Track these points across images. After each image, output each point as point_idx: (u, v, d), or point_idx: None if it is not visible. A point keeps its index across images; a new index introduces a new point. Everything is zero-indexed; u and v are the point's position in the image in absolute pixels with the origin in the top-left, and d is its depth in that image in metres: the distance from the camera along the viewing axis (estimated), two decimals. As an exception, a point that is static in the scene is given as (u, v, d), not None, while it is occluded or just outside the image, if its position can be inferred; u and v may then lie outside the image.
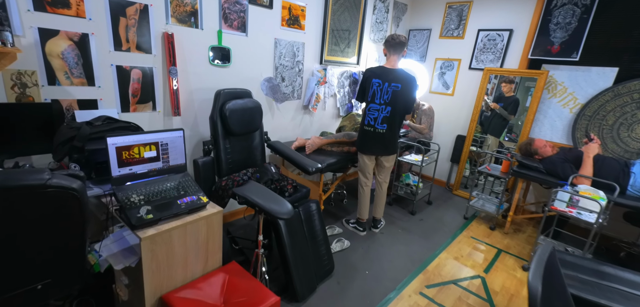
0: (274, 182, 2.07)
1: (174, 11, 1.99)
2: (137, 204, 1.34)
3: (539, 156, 2.82)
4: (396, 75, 2.35)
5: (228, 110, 2.04)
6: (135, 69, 1.91)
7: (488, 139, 3.78)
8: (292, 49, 2.82)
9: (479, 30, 3.58)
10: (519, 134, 3.69)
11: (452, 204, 3.57)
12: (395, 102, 2.37)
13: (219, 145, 2.08)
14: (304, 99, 3.10)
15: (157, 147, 1.53)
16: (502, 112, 3.63)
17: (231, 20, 2.29)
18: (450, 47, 3.85)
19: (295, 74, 2.92)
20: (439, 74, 4.00)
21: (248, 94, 2.27)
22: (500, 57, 3.47)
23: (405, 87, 2.35)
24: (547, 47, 3.13)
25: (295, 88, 2.97)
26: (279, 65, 2.75)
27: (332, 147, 2.77)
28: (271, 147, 2.47)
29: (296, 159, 2.29)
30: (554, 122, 3.19)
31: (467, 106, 3.79)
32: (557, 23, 3.05)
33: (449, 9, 3.80)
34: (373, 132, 2.45)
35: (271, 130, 2.86)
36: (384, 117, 2.41)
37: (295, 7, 2.72)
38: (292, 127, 3.10)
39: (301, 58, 2.92)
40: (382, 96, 2.38)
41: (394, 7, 3.85)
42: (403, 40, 2.35)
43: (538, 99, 3.18)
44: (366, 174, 2.64)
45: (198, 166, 1.96)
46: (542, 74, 3.13)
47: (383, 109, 2.40)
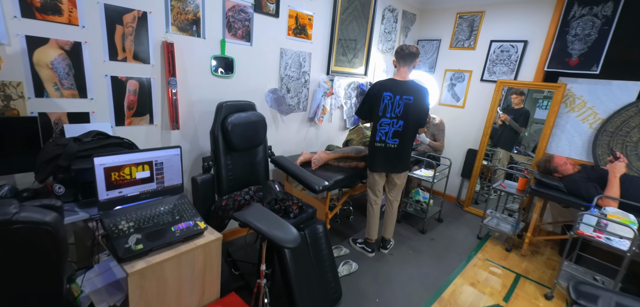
0: (278, 202, 1.92)
1: (175, 19, 1.88)
2: (125, 232, 1.20)
3: (559, 174, 2.66)
4: (408, 88, 2.22)
5: (230, 124, 1.91)
6: (132, 80, 1.79)
7: (499, 153, 3.63)
8: (299, 59, 2.70)
9: (491, 41, 3.45)
10: (528, 146, 3.54)
11: (463, 222, 3.39)
12: (408, 115, 2.23)
13: (219, 161, 1.94)
14: (309, 111, 2.96)
15: (151, 167, 1.39)
16: (512, 124, 3.48)
17: (235, 29, 2.18)
18: (461, 58, 3.72)
19: (301, 85, 2.79)
20: (448, 85, 3.86)
21: (252, 106, 2.14)
22: (514, 69, 3.33)
23: (417, 99, 2.21)
24: (564, 60, 2.99)
25: (301, 100, 2.84)
26: (284, 76, 2.62)
27: (340, 163, 2.62)
28: (275, 162, 2.33)
29: (302, 177, 2.14)
30: (572, 137, 3.03)
31: (479, 119, 3.64)
32: (575, 35, 2.91)
33: (459, 19, 3.68)
34: (384, 148, 2.30)
35: (275, 143, 2.72)
36: (396, 132, 2.27)
37: (302, 16, 2.60)
38: (297, 140, 2.96)
39: (307, 68, 2.80)
40: (393, 110, 2.24)
41: (403, 17, 3.73)
42: (414, 51, 2.22)
43: (555, 113, 3.03)
44: (376, 191, 2.49)
45: (197, 184, 1.82)
46: (559, 88, 2.99)
47: (394, 123, 2.26)
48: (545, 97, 3.34)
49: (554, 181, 2.60)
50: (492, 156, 3.66)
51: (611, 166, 2.39)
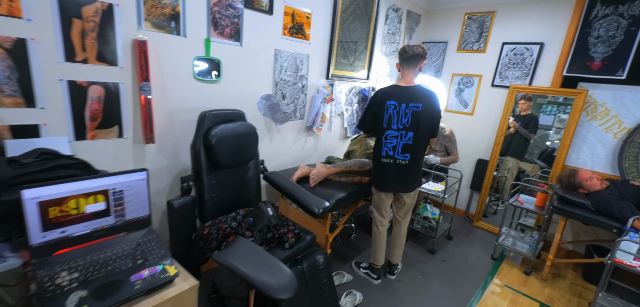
0: (271, 229, 1.63)
1: (149, 13, 1.59)
2: (65, 288, 0.90)
3: (585, 190, 2.39)
4: (415, 94, 1.94)
5: (214, 137, 1.61)
6: (95, 86, 1.49)
7: (508, 161, 3.37)
8: (295, 62, 2.42)
9: (503, 43, 3.19)
10: (533, 153, 3.27)
11: (475, 239, 3.12)
12: (418, 125, 1.95)
13: (202, 181, 1.64)
14: (307, 118, 2.68)
15: (107, 197, 1.10)
16: (521, 131, 3.23)
17: (222, 26, 1.89)
18: (470, 61, 3.46)
19: (298, 91, 2.51)
20: (456, 90, 3.60)
21: (241, 116, 1.85)
22: (528, 74, 3.08)
23: (427, 106, 1.94)
24: (585, 64, 2.73)
25: (298, 107, 2.56)
26: (279, 81, 2.34)
27: (341, 177, 2.34)
28: (268, 180, 2.05)
29: (299, 198, 1.86)
30: (594, 148, 2.77)
31: (490, 128, 3.38)
32: (597, 36, 2.66)
33: (468, 20, 3.42)
34: (393, 164, 2.02)
35: (269, 156, 2.43)
36: (406, 145, 1.99)
37: (300, 14, 2.32)
38: (294, 151, 2.67)
39: (305, 72, 2.52)
40: (400, 120, 1.96)
41: (408, 17, 3.47)
42: (420, 52, 1.94)
43: (575, 121, 2.77)
44: (382, 211, 2.20)
45: (173, 210, 1.52)
46: (580, 94, 2.73)
47: (403, 135, 1.98)
48: (549, 103, 3.10)
49: (579, 198, 2.33)
50: (501, 165, 3.40)
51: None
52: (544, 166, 3.25)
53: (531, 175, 3.29)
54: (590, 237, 2.70)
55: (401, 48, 2.00)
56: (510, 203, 2.68)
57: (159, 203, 1.86)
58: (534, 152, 3.34)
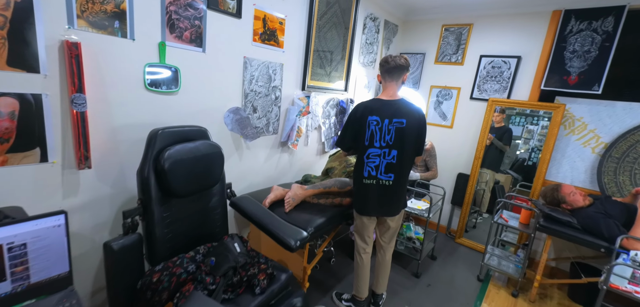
0: (238, 271, 1.36)
1: (84, 10, 1.29)
2: None
3: (568, 206, 2.33)
4: (398, 109, 1.77)
5: (168, 161, 1.33)
6: (6, 98, 1.16)
7: (485, 174, 3.32)
8: (268, 72, 2.17)
9: (481, 56, 3.15)
10: (504, 163, 3.27)
11: (459, 258, 2.99)
12: (402, 143, 1.77)
13: (151, 214, 1.34)
14: (282, 133, 2.43)
15: (1, 254, 0.78)
16: (497, 143, 3.20)
17: (181, 29, 1.62)
18: (448, 73, 3.39)
19: (270, 103, 2.26)
20: (435, 103, 3.52)
21: (202, 133, 1.57)
22: (507, 87, 3.04)
23: (412, 121, 1.76)
24: (562, 78, 2.73)
25: (271, 120, 2.31)
26: (249, 92, 2.08)
27: (320, 199, 2.10)
28: (236, 207, 1.77)
29: (272, 229, 1.60)
30: (573, 162, 2.75)
31: (470, 141, 3.31)
32: (573, 51, 2.66)
33: (445, 32, 3.37)
34: (375, 185, 1.82)
35: (238, 177, 2.15)
36: (389, 164, 1.80)
37: (272, 19, 2.09)
38: (267, 170, 2.41)
39: (279, 83, 2.28)
40: (382, 137, 1.77)
41: (385, 27, 3.36)
42: (402, 62, 1.78)
43: (554, 136, 2.74)
44: (365, 237, 1.99)
45: (112, 254, 1.21)
46: (558, 108, 2.71)
47: (386, 153, 1.79)
48: (518, 114, 3.11)
49: (565, 216, 2.26)
50: (479, 178, 3.34)
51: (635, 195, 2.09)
52: (517, 177, 3.24)
53: (506, 187, 3.28)
54: (574, 253, 2.65)
55: (383, 59, 1.83)
56: (494, 221, 2.57)
57: (100, 240, 1.52)
58: (505, 163, 3.33)
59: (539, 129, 3.03)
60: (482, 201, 3.48)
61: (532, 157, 3.11)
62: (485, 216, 3.61)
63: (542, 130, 2.96)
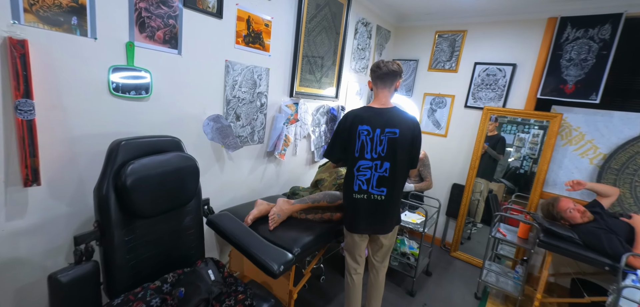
0: (211, 304, 1.18)
1: (33, 3, 1.12)
2: None
3: (566, 221, 2.23)
4: (391, 117, 1.63)
5: (131, 177, 1.16)
6: None
7: (480, 183, 3.22)
8: (252, 77, 2.02)
9: (475, 63, 3.07)
10: (497, 173, 3.19)
11: (455, 273, 2.86)
12: (395, 154, 1.63)
13: (110, 238, 1.17)
14: (268, 143, 2.27)
15: None
16: (491, 152, 3.11)
17: (152, 28, 1.45)
18: (442, 81, 3.30)
19: (255, 110, 2.11)
20: (428, 110, 3.42)
21: (175, 144, 1.41)
22: (502, 95, 2.96)
23: (405, 131, 1.62)
24: (559, 86, 2.65)
25: (256, 129, 2.15)
26: (232, 99, 1.92)
27: (308, 215, 1.94)
28: (213, 226, 1.60)
29: (252, 252, 1.43)
30: (571, 173, 2.66)
31: (465, 150, 3.20)
32: (570, 59, 2.59)
33: (438, 39, 3.28)
34: (366, 200, 1.67)
35: (218, 191, 1.98)
36: (381, 178, 1.65)
37: (257, 20, 1.95)
38: (251, 182, 2.24)
39: (265, 89, 2.13)
40: (374, 148, 1.63)
41: (377, 33, 3.25)
42: (395, 68, 1.65)
43: (551, 146, 2.65)
44: (356, 256, 1.84)
45: (59, 289, 1.02)
46: (555, 117, 2.63)
47: (378, 165, 1.65)
48: (509, 122, 3.03)
49: (566, 231, 2.15)
50: (473, 188, 3.24)
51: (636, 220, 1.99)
52: (510, 186, 3.16)
53: (500, 196, 3.20)
54: (574, 269, 2.54)
55: (374, 64, 1.69)
56: (491, 236, 2.45)
57: (54, 267, 1.32)
58: (498, 171, 3.25)
59: (530, 138, 2.97)
60: (476, 211, 3.38)
61: (523, 165, 3.05)
62: (480, 226, 3.51)
63: (534, 138, 2.90)
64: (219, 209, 1.93)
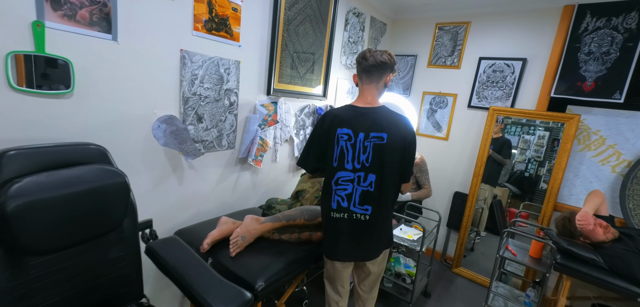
0: None
1: None
2: None
3: (586, 239, 1.91)
4: (377, 119, 1.32)
5: (13, 201, 0.84)
6: None
7: (484, 190, 2.91)
8: (218, 71, 1.71)
9: (480, 58, 2.74)
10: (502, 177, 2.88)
11: (457, 294, 2.54)
12: (382, 165, 1.32)
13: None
14: (240, 148, 1.96)
15: None
16: (496, 156, 2.80)
17: (72, 5, 1.14)
18: (443, 78, 2.98)
19: (223, 110, 1.79)
20: (428, 111, 3.10)
21: (97, 155, 1.09)
22: (510, 94, 2.64)
23: (395, 136, 1.31)
24: (576, 84, 2.32)
25: (225, 132, 1.84)
26: (191, 96, 1.61)
27: (282, 235, 1.63)
28: (152, 255, 1.27)
29: (194, 291, 1.10)
30: (589, 183, 2.34)
31: (468, 155, 2.88)
32: (589, 52, 2.27)
33: (439, 32, 2.96)
34: (348, 220, 1.36)
35: (177, 206, 1.67)
36: (366, 193, 1.34)
37: (222, 4, 1.64)
38: (221, 195, 1.93)
39: (234, 85, 1.82)
40: (356, 157, 1.32)
41: (372, 25, 2.93)
42: (385, 59, 1.33)
43: (568, 151, 2.33)
44: (338, 287, 1.52)
45: None
46: (572, 119, 2.31)
47: (361, 178, 1.33)
48: (513, 123, 2.72)
49: (587, 252, 1.82)
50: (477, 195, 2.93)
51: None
52: (515, 190, 2.87)
53: (504, 201, 2.91)
54: (594, 293, 2.22)
55: (360, 53, 1.38)
56: (499, 255, 2.13)
57: None
58: (502, 174, 2.95)
59: (535, 139, 2.68)
60: (480, 220, 3.07)
61: (528, 168, 2.76)
62: (484, 234, 3.19)
63: (539, 140, 2.63)
64: (175, 230, 1.62)
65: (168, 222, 1.64)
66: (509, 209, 3.00)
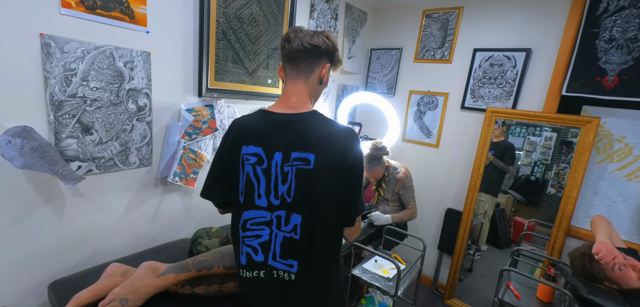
0: None
1: None
2: None
3: (614, 285, 1.43)
4: (302, 132, 0.86)
5: None
6: None
7: (483, 202, 2.47)
8: (113, 64, 1.27)
9: (475, 50, 2.29)
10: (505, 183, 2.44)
11: (446, 339, 2.08)
12: (311, 200, 0.86)
13: None
14: (159, 165, 1.52)
15: None
16: (497, 163, 2.35)
17: None
18: (432, 74, 2.52)
19: (127, 117, 1.36)
20: (415, 114, 2.64)
21: None
22: (511, 92, 2.17)
23: (328, 158, 0.85)
24: (593, 79, 1.86)
25: (133, 145, 1.40)
26: (67, 99, 1.17)
27: (195, 288, 1.19)
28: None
29: None
30: (612, 204, 1.87)
31: (462, 165, 2.42)
32: (610, 39, 1.80)
33: (427, 20, 2.50)
34: (265, 280, 0.91)
35: (59, 247, 1.23)
36: (289, 242, 0.88)
37: (112, -28, 1.20)
38: (134, 226, 1.49)
39: (142, 83, 1.38)
40: (271, 188, 0.87)
41: (347, 14, 2.48)
42: (317, 42, 0.89)
43: (585, 163, 1.86)
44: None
45: None
46: (589, 123, 1.84)
47: (281, 220, 0.88)
48: (517, 124, 2.31)
49: (616, 303, 1.36)
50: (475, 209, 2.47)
51: None
52: (520, 198, 2.46)
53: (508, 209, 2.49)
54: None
55: (285, 34, 0.93)
56: (498, 298, 1.66)
57: None
58: (506, 178, 2.50)
59: (542, 141, 2.26)
60: (480, 234, 2.61)
61: (535, 171, 2.37)
62: (485, 248, 2.72)
63: (546, 142, 2.23)
64: (52, 280, 1.19)
65: (40, 273, 1.21)
66: (514, 219, 2.56)
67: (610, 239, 1.50)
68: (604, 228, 1.53)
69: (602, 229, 1.52)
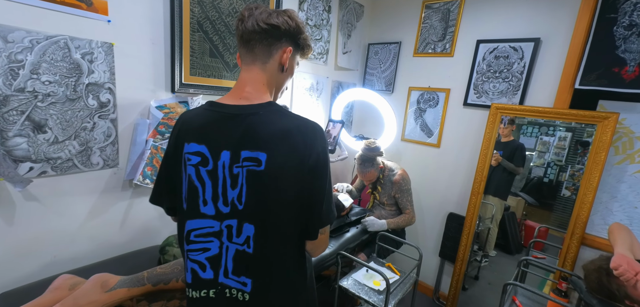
0: None
1: None
2: None
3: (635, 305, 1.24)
4: (253, 127, 0.71)
5: None
6: None
7: (490, 206, 2.29)
8: (69, 56, 1.16)
9: (478, 41, 2.11)
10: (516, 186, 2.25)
11: (446, 356, 1.90)
12: (265, 205, 0.72)
13: None
14: (126, 167, 1.41)
15: None
16: (507, 165, 2.17)
17: None
18: (433, 69, 2.36)
19: (87, 114, 1.24)
20: (415, 112, 2.48)
21: None
22: (518, 87, 1.99)
23: (282, 158, 0.70)
24: (611, 70, 1.66)
25: (95, 144, 1.29)
26: (14, 94, 1.07)
27: (152, 304, 1.06)
28: None
29: None
30: (633, 209, 1.67)
31: (465, 167, 2.25)
32: (630, 25, 1.60)
33: (427, 11, 2.34)
34: (215, 301, 0.77)
35: (9, 256, 1.13)
36: (240, 255, 0.74)
37: (63, -47, 1.09)
38: (99, 232, 1.37)
39: (105, 77, 1.26)
40: (219, 194, 0.73)
41: (341, 6, 2.34)
42: (275, 22, 0.74)
43: (601, 164, 1.67)
44: None
45: None
46: (606, 119, 1.64)
47: (233, 229, 0.73)
48: (529, 123, 2.14)
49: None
50: (481, 213, 2.29)
51: None
52: (532, 201, 2.27)
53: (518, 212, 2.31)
54: None
55: (239, 15, 0.80)
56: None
57: None
58: (517, 179, 2.31)
59: (555, 141, 2.08)
60: (487, 239, 2.43)
61: (548, 173, 2.21)
62: (493, 254, 2.53)
63: (560, 142, 2.05)
64: (13, 286, 1.08)
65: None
66: (525, 223, 2.37)
67: (631, 250, 1.31)
68: (624, 238, 1.34)
69: (622, 239, 1.33)
